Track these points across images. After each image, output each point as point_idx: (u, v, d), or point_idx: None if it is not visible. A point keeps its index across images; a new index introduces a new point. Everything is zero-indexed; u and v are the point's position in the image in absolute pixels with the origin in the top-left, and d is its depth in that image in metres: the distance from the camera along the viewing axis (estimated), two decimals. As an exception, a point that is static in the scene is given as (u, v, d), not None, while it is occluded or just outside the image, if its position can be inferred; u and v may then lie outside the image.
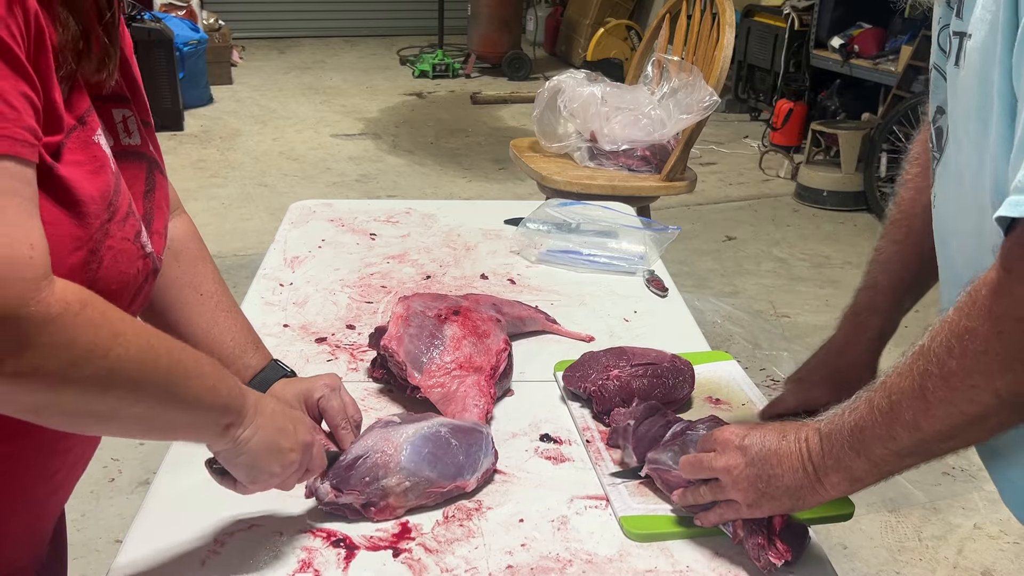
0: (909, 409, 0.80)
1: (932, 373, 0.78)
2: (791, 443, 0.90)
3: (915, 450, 0.83)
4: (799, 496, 0.90)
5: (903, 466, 0.85)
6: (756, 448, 0.92)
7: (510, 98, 6.78)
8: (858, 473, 0.86)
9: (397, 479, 1.00)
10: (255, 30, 8.47)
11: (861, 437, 0.84)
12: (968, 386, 0.76)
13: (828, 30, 5.23)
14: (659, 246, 1.74)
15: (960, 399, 0.77)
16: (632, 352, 1.27)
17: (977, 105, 0.81)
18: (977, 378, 0.75)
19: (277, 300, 1.53)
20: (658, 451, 1.04)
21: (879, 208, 4.57)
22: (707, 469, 0.95)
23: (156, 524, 1.00)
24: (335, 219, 1.88)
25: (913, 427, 0.80)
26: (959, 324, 0.76)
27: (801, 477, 0.89)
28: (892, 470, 0.85)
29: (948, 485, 2.54)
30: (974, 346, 0.74)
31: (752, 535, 0.94)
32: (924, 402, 0.79)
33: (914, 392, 0.79)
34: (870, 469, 0.85)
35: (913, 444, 0.82)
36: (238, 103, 6.44)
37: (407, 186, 4.94)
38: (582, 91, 2.68)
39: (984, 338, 0.74)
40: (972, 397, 0.76)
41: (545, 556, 0.97)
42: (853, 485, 0.88)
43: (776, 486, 0.90)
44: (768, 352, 3.23)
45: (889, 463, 0.84)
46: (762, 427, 0.94)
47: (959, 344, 0.75)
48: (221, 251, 3.99)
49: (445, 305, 1.31)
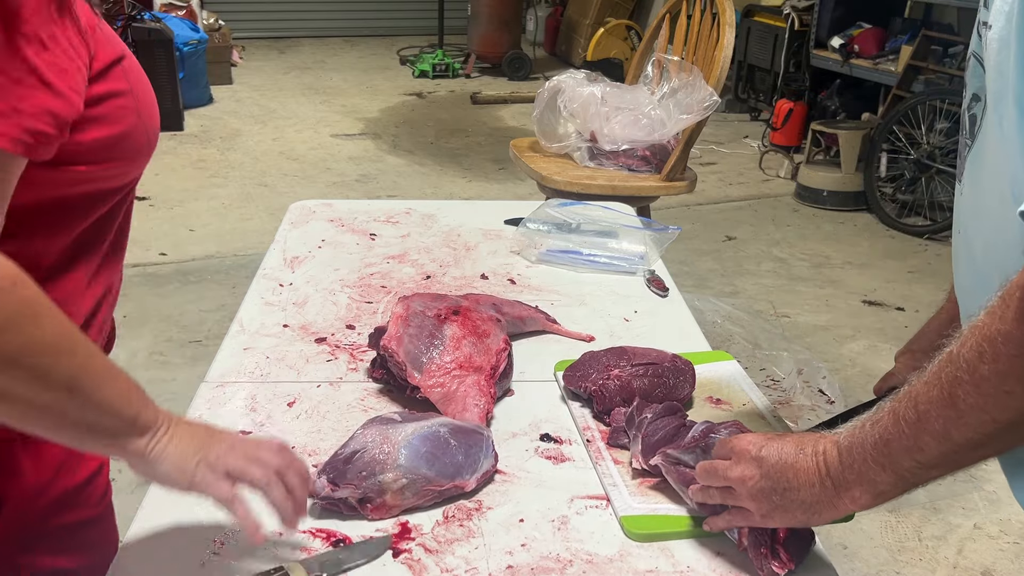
0: (939, 418, 0.78)
1: (963, 380, 0.75)
2: (808, 457, 0.88)
3: (943, 461, 0.80)
4: (815, 511, 0.88)
5: (929, 477, 0.83)
6: (773, 460, 0.90)
7: (510, 98, 6.78)
8: (883, 487, 0.84)
9: (394, 475, 1.00)
10: (255, 30, 8.47)
11: (887, 450, 0.82)
12: (1002, 392, 0.73)
13: (828, 30, 5.24)
14: (659, 246, 1.74)
15: (993, 406, 0.75)
16: (632, 352, 1.26)
17: (996, 95, 0.79)
18: (1012, 383, 0.73)
19: (277, 300, 1.53)
20: (681, 451, 1.03)
21: (879, 208, 4.58)
22: (722, 478, 0.94)
23: (156, 524, 1.00)
24: (335, 219, 1.88)
25: (943, 437, 0.78)
26: (991, 328, 0.73)
27: (819, 492, 0.87)
28: (917, 482, 0.83)
29: (948, 485, 2.54)
30: (1008, 350, 0.72)
31: (756, 544, 0.94)
32: (955, 410, 0.76)
33: (943, 400, 0.77)
34: (896, 482, 0.83)
35: (942, 454, 0.80)
36: (238, 103, 6.44)
37: (407, 186, 4.94)
38: (582, 91, 2.68)
39: (1019, 342, 0.71)
40: (1007, 404, 0.74)
41: (545, 556, 0.96)
42: (876, 499, 0.85)
43: (791, 500, 0.89)
44: (768, 352, 3.22)
45: (916, 475, 0.82)
46: (780, 438, 0.93)
47: (991, 348, 0.73)
48: (221, 251, 3.99)
49: (445, 305, 1.31)
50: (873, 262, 4.10)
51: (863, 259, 4.14)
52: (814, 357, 3.18)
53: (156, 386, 1.32)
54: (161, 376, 2.96)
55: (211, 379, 1.28)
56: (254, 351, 1.35)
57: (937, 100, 4.35)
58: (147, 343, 3.22)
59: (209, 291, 3.62)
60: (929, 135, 4.39)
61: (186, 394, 1.29)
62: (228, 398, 1.24)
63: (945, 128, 4.32)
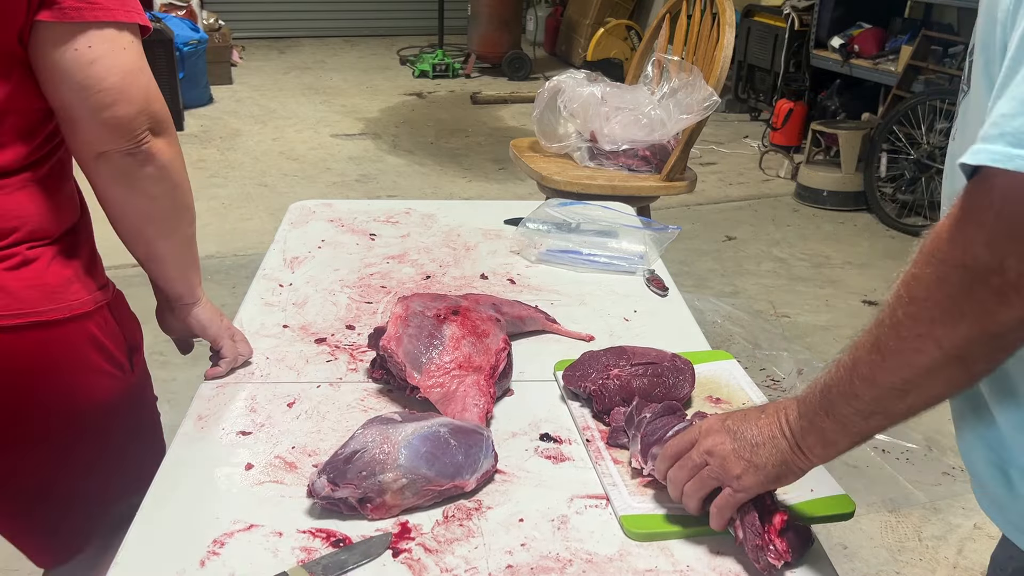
0: (867, 363, 0.79)
1: (884, 323, 0.77)
2: (770, 414, 0.91)
3: (876, 408, 0.81)
4: (784, 467, 0.89)
5: (869, 428, 0.83)
6: (738, 424, 0.93)
7: (510, 98, 6.78)
8: (830, 435, 0.85)
9: (394, 475, 1.00)
10: (255, 30, 8.47)
11: (829, 396, 0.84)
12: (914, 335, 0.74)
13: (828, 30, 5.23)
14: (659, 246, 1.74)
15: (908, 349, 0.75)
16: (632, 351, 1.26)
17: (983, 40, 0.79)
18: (919, 327, 0.73)
19: (277, 301, 1.53)
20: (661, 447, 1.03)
21: (879, 208, 4.57)
22: (698, 452, 0.95)
23: (156, 524, 1.00)
24: (335, 219, 1.88)
25: (871, 381, 0.79)
26: (909, 272, 0.74)
27: (782, 444, 0.89)
28: (860, 431, 0.84)
29: (948, 485, 2.54)
30: (918, 292, 0.73)
31: (751, 536, 0.94)
32: (879, 354, 0.78)
33: (870, 345, 0.79)
34: (839, 430, 0.84)
35: (873, 399, 0.80)
36: (238, 103, 6.44)
37: (407, 186, 4.94)
38: (582, 91, 2.68)
39: (926, 284, 0.72)
40: (918, 347, 0.74)
41: (545, 556, 0.96)
42: (827, 449, 0.87)
43: (760, 456, 0.90)
44: (768, 352, 3.23)
45: (855, 423, 0.83)
46: (743, 409, 0.96)
47: (907, 292, 0.74)
48: (221, 251, 3.99)
49: (444, 305, 1.31)
50: (873, 262, 4.10)
51: (863, 259, 4.14)
52: (814, 357, 3.18)
53: (156, 386, 1.32)
54: (161, 376, 2.95)
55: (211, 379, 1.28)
56: (254, 351, 1.35)
57: (937, 100, 4.35)
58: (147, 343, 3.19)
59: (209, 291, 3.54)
60: (929, 135, 4.39)
61: (186, 394, 1.29)
62: (228, 398, 1.24)
63: (945, 128, 4.32)
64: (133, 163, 1.08)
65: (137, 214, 1.14)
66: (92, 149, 1.06)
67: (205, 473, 1.09)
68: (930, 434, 2.73)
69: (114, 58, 1.03)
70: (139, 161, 1.08)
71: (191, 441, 1.15)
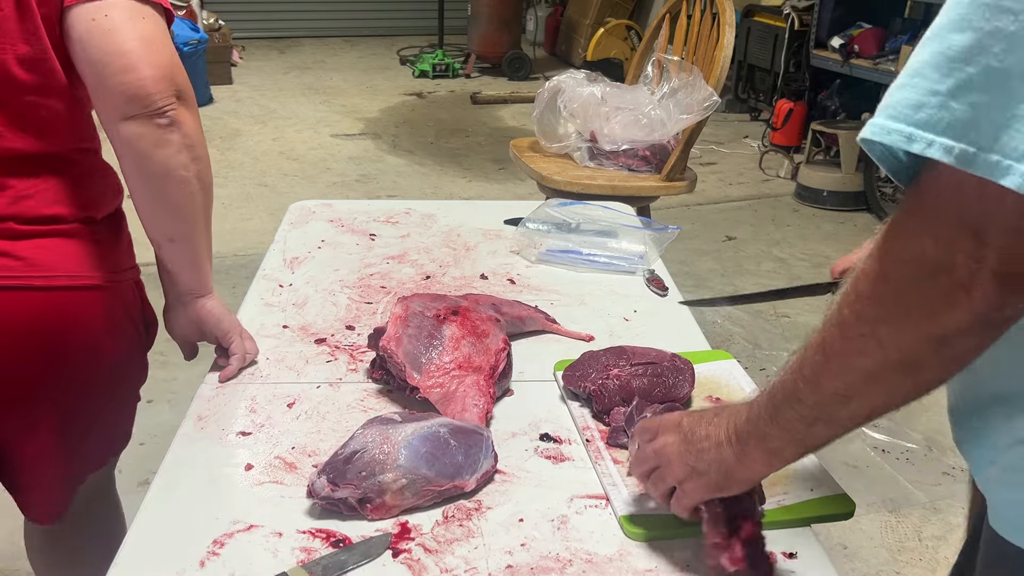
0: (811, 364, 0.75)
1: (832, 322, 0.72)
2: (722, 418, 0.86)
3: (819, 414, 0.76)
4: (727, 474, 0.85)
5: (814, 437, 0.78)
6: (693, 424, 0.88)
7: (510, 98, 6.77)
8: (774, 443, 0.80)
9: (394, 475, 1.00)
10: (255, 30, 8.47)
11: (774, 400, 0.79)
12: (857, 335, 0.70)
13: (828, 30, 5.23)
14: (659, 246, 1.74)
15: (851, 350, 0.71)
16: (632, 351, 1.27)
17: None
18: (863, 326, 0.69)
19: (277, 301, 1.53)
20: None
21: (879, 208, 4.57)
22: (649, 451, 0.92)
23: (156, 524, 1.00)
24: (335, 219, 1.88)
25: (814, 384, 0.75)
26: (858, 268, 0.70)
27: (726, 452, 0.84)
28: (803, 440, 0.79)
29: (948, 485, 2.54)
30: (863, 288, 0.69)
31: (712, 533, 0.89)
32: (823, 355, 0.73)
33: (816, 345, 0.74)
34: (782, 436, 0.79)
35: (816, 404, 0.76)
36: (238, 103, 6.44)
37: (407, 186, 4.94)
38: (582, 91, 2.68)
39: (871, 279, 0.68)
40: (860, 347, 0.70)
41: (545, 556, 0.97)
42: (770, 459, 0.82)
43: (704, 460, 0.86)
44: (768, 352, 3.23)
45: (798, 430, 0.78)
46: (704, 409, 0.91)
47: (853, 289, 0.70)
48: (221, 251, 3.98)
49: (444, 305, 1.31)
50: (873, 262, 4.10)
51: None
52: (814, 357, 3.18)
53: (156, 386, 1.32)
54: (161, 376, 2.94)
55: (211, 379, 1.28)
56: (254, 351, 1.35)
57: (937, 100, 4.34)
58: (147, 343, 3.21)
59: (209, 291, 3.60)
60: (929, 135, 4.38)
61: (186, 394, 1.30)
62: (228, 398, 1.24)
63: (945, 128, 4.31)
64: (159, 129, 1.11)
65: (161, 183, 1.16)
66: (118, 114, 1.10)
67: (205, 473, 1.09)
68: (930, 434, 2.73)
69: (132, 25, 1.09)
70: (165, 127, 1.12)
71: (191, 441, 1.15)
